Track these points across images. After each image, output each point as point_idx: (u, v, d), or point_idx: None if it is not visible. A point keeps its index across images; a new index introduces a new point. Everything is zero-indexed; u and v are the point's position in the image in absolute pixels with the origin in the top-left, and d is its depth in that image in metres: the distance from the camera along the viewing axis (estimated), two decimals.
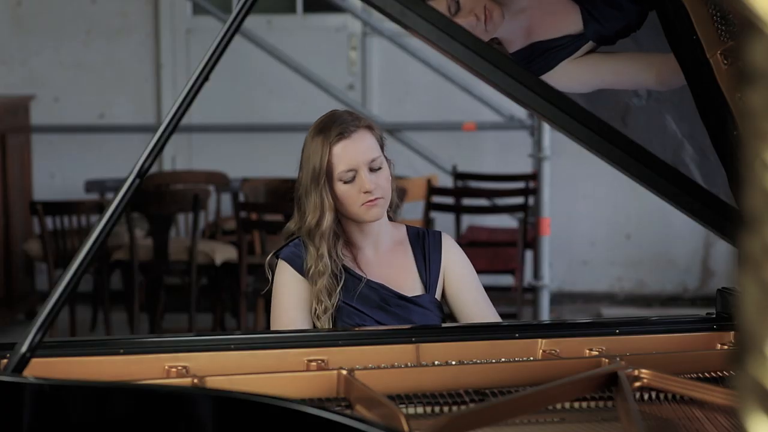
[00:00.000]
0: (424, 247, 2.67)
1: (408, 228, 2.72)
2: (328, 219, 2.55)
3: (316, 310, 2.55)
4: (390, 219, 2.68)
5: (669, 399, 2.14)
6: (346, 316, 2.56)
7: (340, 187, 2.56)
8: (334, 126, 2.57)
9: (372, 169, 2.56)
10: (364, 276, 2.60)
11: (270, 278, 2.64)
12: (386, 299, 2.59)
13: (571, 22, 2.43)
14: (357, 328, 2.53)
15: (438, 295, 2.66)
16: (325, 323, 2.54)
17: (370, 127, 2.61)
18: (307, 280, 2.57)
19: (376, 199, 2.55)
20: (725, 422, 2.03)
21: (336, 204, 2.57)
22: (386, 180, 2.58)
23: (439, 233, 2.72)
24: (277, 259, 2.64)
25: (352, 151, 2.55)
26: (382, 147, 2.62)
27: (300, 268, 2.58)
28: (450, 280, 2.67)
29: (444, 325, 2.62)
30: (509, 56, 2.42)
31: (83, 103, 7.14)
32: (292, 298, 2.58)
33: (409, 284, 2.64)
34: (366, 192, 2.54)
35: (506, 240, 6.18)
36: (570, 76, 2.44)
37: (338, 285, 2.55)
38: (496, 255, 5.88)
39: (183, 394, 1.87)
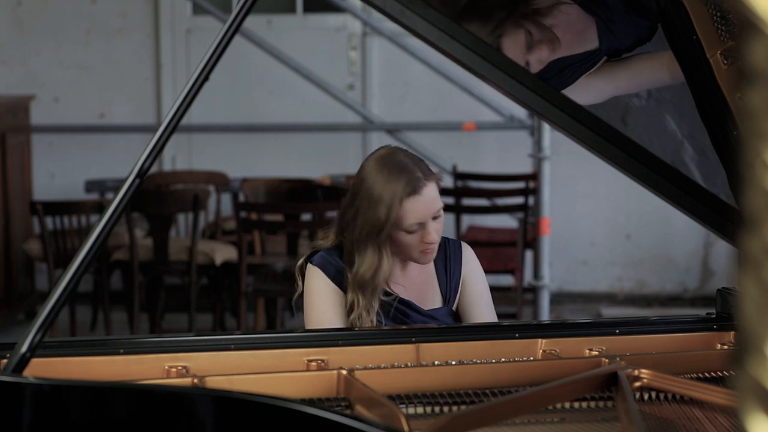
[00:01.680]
0: (446, 258, 2.68)
1: None
2: (385, 273, 2.55)
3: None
4: None
5: (669, 399, 2.14)
6: None
7: (403, 236, 2.54)
8: (406, 179, 2.51)
9: (434, 218, 2.56)
10: (397, 294, 2.62)
11: (300, 283, 2.64)
12: (408, 314, 2.61)
13: (590, 39, 2.44)
14: (357, 328, 2.53)
15: (455, 307, 2.68)
16: None
17: (436, 178, 2.58)
18: (340, 290, 2.57)
19: (433, 245, 2.56)
20: (725, 422, 2.03)
21: (392, 249, 2.57)
22: (443, 225, 2.59)
23: (459, 243, 2.72)
24: (308, 264, 2.62)
25: (423, 208, 2.53)
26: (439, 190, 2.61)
27: (332, 275, 2.58)
28: (466, 293, 2.68)
29: (444, 325, 2.62)
30: (509, 57, 2.42)
31: (83, 103, 7.14)
32: (327, 304, 2.58)
33: (431, 297, 2.66)
34: (428, 242, 2.55)
35: (506, 240, 6.18)
36: (587, 90, 2.45)
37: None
38: (496, 255, 5.88)
39: (183, 394, 1.87)
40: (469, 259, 2.70)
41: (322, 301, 2.58)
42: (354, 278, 2.55)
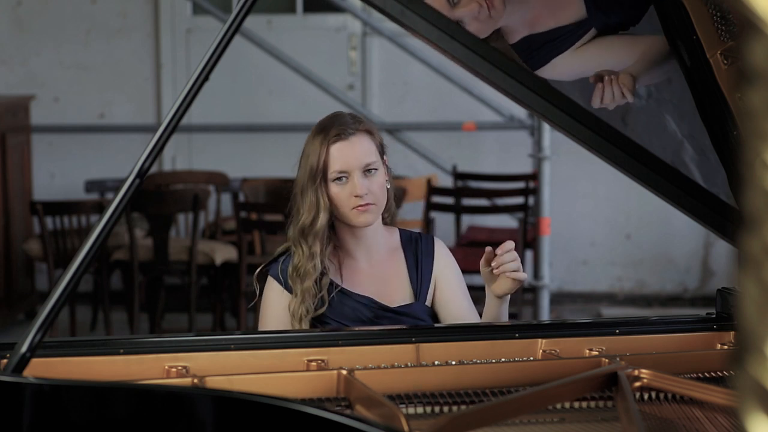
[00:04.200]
0: (417, 253, 2.65)
1: (401, 232, 2.69)
2: (322, 219, 2.52)
3: (299, 311, 2.53)
4: (385, 223, 2.67)
5: (669, 399, 2.14)
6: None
7: (333, 188, 2.53)
8: (334, 126, 2.55)
9: (365, 174, 2.54)
10: (348, 289, 2.58)
11: (257, 291, 2.64)
12: (375, 312, 2.58)
13: (573, 13, 2.42)
14: (357, 328, 2.53)
15: (429, 302, 2.65)
16: (305, 326, 2.53)
17: (369, 132, 2.57)
18: (291, 285, 2.55)
19: (367, 204, 2.52)
20: (725, 422, 2.03)
21: (330, 205, 2.56)
22: (379, 186, 2.55)
23: (432, 238, 2.70)
24: (267, 274, 2.62)
25: (348, 154, 2.53)
26: (382, 153, 2.59)
27: (288, 286, 2.57)
28: (440, 288, 2.65)
29: (444, 325, 2.62)
30: (509, 57, 2.42)
31: (83, 103, 7.14)
32: (279, 314, 2.57)
33: (400, 293, 2.62)
34: (356, 196, 2.52)
35: (506, 240, 6.17)
36: (569, 65, 2.44)
37: (320, 291, 2.54)
38: None
39: (183, 394, 1.87)
40: (442, 253, 2.68)
41: (275, 313, 2.57)
42: (299, 230, 2.53)
